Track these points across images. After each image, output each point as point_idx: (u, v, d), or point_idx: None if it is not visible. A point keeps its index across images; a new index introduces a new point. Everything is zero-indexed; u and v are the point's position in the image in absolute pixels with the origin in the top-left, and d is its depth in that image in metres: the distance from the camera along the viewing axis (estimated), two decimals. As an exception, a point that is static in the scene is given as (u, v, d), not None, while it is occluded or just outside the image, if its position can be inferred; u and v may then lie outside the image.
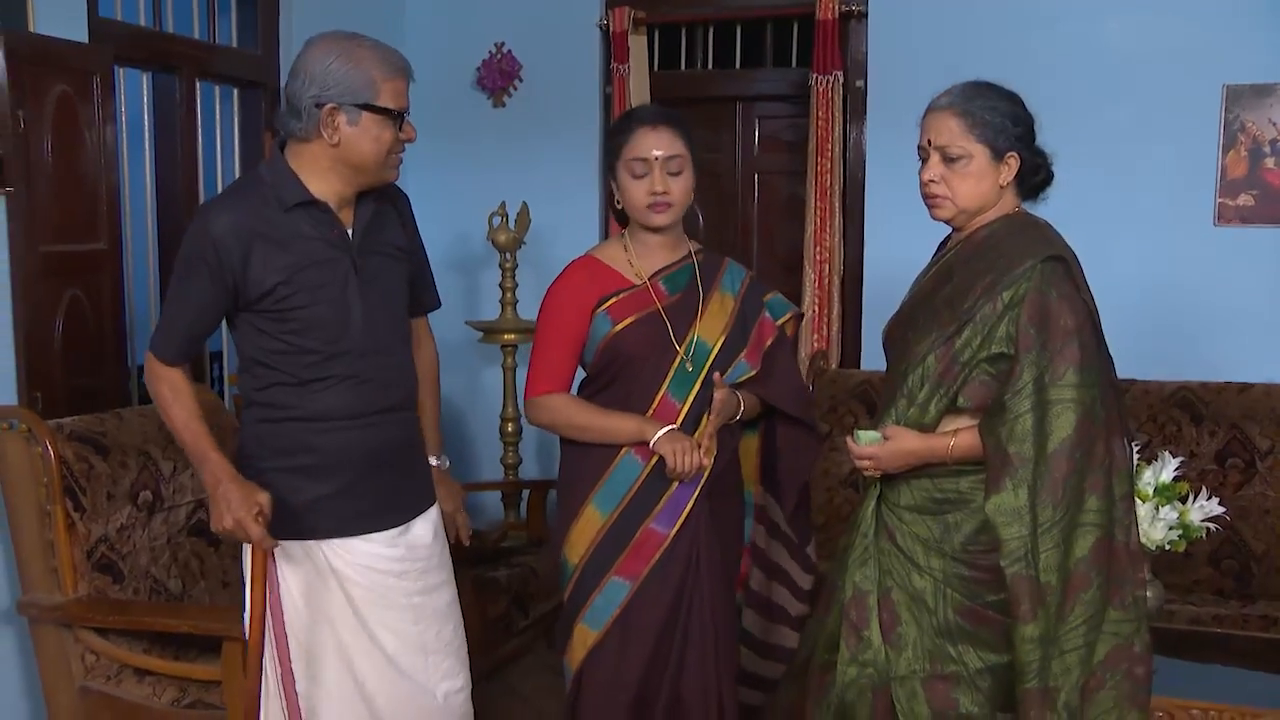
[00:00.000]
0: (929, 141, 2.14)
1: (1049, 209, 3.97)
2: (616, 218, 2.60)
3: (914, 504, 2.15)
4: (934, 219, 2.19)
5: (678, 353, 2.44)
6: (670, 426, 2.41)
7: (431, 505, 2.47)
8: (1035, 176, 2.18)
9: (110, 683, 2.85)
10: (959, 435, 2.07)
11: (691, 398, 2.45)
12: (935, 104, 2.16)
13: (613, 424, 2.44)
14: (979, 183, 2.11)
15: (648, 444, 2.40)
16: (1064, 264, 2.04)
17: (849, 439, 2.17)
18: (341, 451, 2.29)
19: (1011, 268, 2.03)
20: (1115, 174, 4.06)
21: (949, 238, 2.27)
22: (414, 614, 2.36)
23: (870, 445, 2.12)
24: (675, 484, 2.42)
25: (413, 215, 2.50)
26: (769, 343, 2.56)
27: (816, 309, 4.31)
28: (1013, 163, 2.12)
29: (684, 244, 2.55)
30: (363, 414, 2.30)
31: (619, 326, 2.44)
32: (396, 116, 2.20)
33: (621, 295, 2.46)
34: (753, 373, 2.52)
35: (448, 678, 2.41)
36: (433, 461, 2.53)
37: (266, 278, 2.20)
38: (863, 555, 2.21)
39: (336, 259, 2.26)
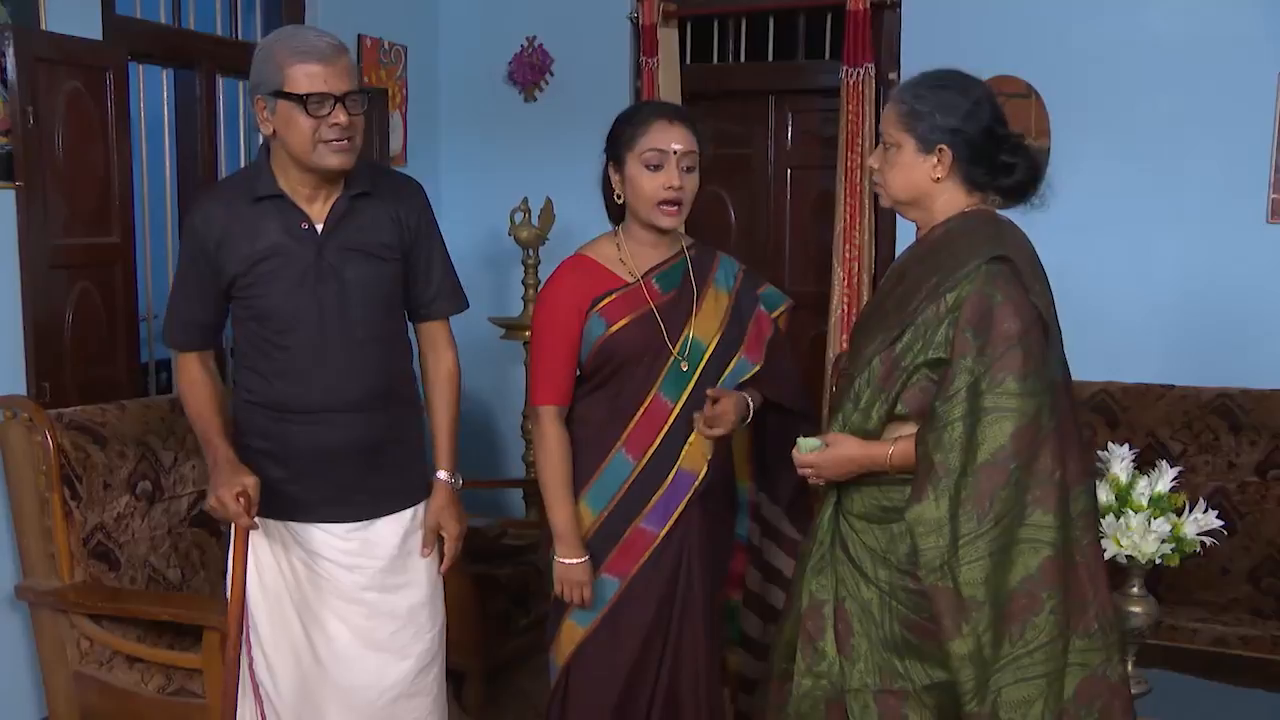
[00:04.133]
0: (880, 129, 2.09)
1: (1089, 206, 3.87)
2: (610, 212, 2.51)
3: (864, 512, 2.06)
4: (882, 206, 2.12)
5: (671, 353, 2.39)
6: (578, 560, 2.36)
7: (407, 509, 2.43)
8: (1005, 177, 2.03)
9: (103, 668, 2.91)
10: (898, 443, 1.98)
11: (684, 397, 2.39)
12: (892, 90, 2.10)
13: (556, 506, 2.39)
14: (907, 173, 2.02)
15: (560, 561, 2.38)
16: (1009, 265, 1.92)
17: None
18: (291, 441, 2.31)
19: (956, 269, 1.93)
20: (1161, 169, 3.89)
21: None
22: (365, 608, 2.36)
23: (811, 453, 2.05)
24: (666, 484, 2.40)
25: (425, 217, 2.42)
26: (768, 336, 2.51)
27: (845, 307, 4.20)
28: (944, 156, 1.99)
29: (678, 240, 2.48)
30: (312, 408, 2.29)
31: (613, 328, 2.37)
32: (302, 100, 2.14)
33: (615, 295, 2.39)
34: (756, 369, 2.47)
35: (398, 681, 2.38)
36: (440, 476, 2.45)
37: (230, 266, 2.27)
38: (819, 564, 2.13)
39: (298, 252, 2.27)
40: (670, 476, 2.39)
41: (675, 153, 2.32)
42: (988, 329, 1.88)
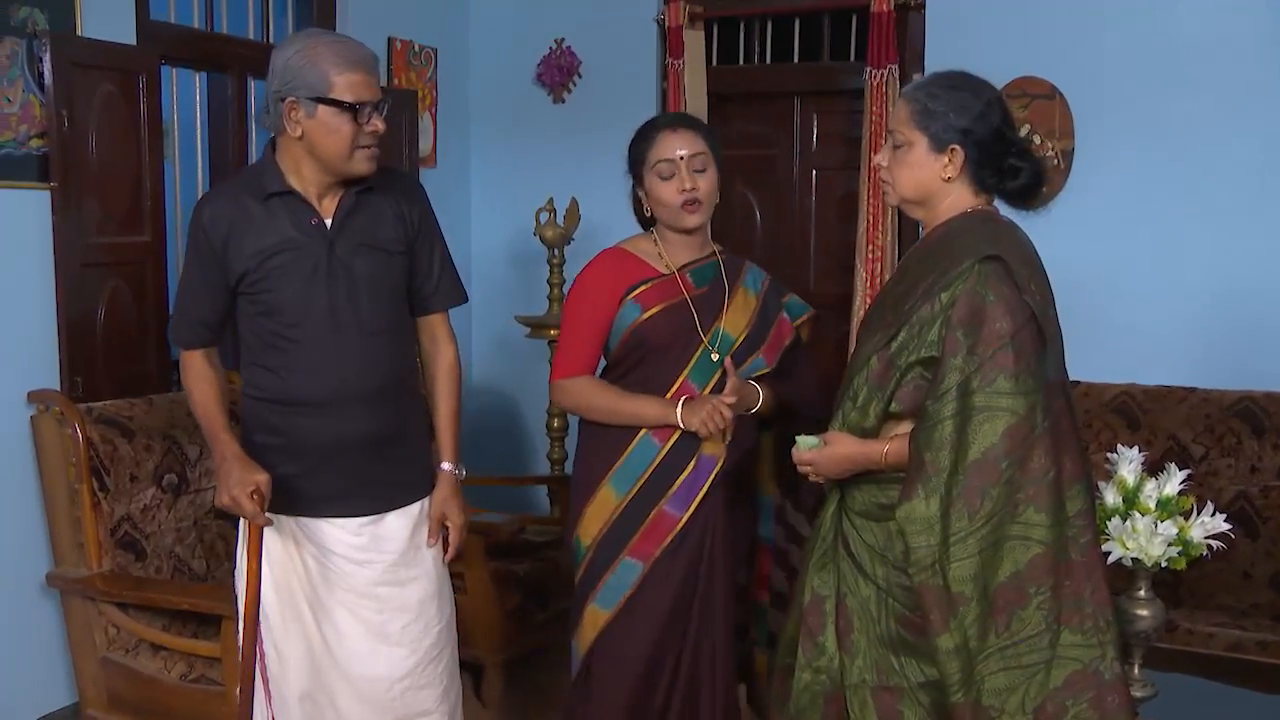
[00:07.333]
0: (889, 127, 2.11)
1: (1113, 208, 3.84)
2: (643, 226, 2.63)
3: (864, 509, 2.08)
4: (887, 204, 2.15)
5: (702, 341, 2.49)
6: (685, 397, 2.44)
7: (416, 501, 2.47)
8: (1010, 180, 2.05)
9: (129, 655, 3.00)
10: (893, 442, 1.99)
11: (712, 385, 2.49)
12: (902, 90, 2.12)
13: (638, 407, 2.47)
14: (916, 172, 2.04)
15: (677, 427, 2.43)
16: (1002, 265, 1.93)
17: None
18: (302, 436, 2.35)
19: (951, 268, 1.95)
20: (1184, 171, 3.86)
21: None
22: (377, 603, 2.40)
23: (809, 450, 2.07)
24: (690, 468, 2.46)
25: (426, 212, 2.48)
26: (787, 342, 2.60)
27: (867, 309, 4.20)
28: (955, 156, 2.01)
29: (709, 244, 2.61)
30: (325, 401, 2.33)
31: (647, 314, 2.48)
32: (350, 108, 2.21)
33: (650, 283, 2.51)
34: (767, 370, 2.56)
35: (409, 672, 2.42)
36: (444, 467, 2.51)
37: (238, 263, 2.31)
38: (821, 560, 2.16)
39: (308, 248, 2.31)
40: (694, 460, 2.46)
41: (682, 158, 2.45)
42: (978, 328, 1.89)
